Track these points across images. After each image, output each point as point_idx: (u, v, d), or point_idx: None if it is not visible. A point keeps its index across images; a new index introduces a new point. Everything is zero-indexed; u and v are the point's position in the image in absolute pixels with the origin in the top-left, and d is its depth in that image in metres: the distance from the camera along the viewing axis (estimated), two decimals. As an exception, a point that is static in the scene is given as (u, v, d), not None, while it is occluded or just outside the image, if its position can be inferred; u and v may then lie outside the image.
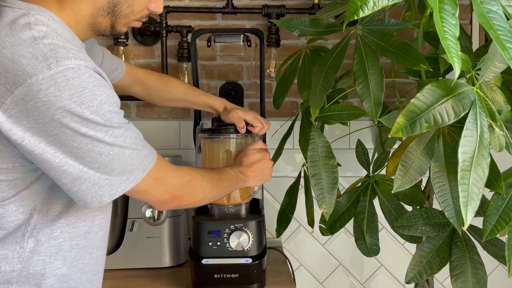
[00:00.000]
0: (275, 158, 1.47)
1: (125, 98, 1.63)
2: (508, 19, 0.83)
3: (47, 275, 0.84)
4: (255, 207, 1.39)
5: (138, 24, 0.93)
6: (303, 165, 1.38)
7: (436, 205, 1.13)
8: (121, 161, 0.79)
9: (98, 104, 0.75)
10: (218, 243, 1.22)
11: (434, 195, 1.17)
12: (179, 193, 0.93)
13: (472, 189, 0.83)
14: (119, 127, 0.79)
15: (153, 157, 0.87)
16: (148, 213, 1.42)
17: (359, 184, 1.32)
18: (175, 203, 0.93)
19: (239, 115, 1.21)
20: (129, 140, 0.81)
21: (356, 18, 0.83)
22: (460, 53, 0.76)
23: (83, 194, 0.78)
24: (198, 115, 1.45)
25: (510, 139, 0.91)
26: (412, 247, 1.69)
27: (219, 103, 1.27)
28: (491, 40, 0.81)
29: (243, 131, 1.21)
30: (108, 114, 0.77)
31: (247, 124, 1.21)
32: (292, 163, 1.70)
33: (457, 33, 0.77)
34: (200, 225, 1.24)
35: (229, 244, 1.22)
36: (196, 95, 1.30)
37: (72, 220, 0.86)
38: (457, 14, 0.78)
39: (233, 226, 1.23)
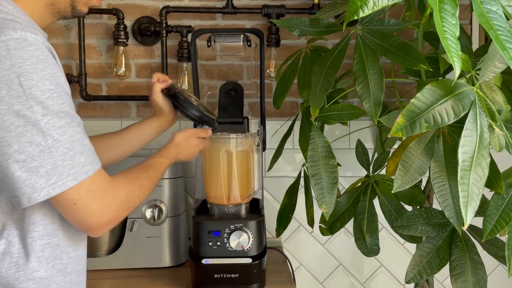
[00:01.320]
0: (275, 158, 1.47)
1: (125, 98, 1.65)
2: (508, 19, 0.83)
3: (21, 278, 0.79)
4: (255, 207, 1.39)
5: (98, 3, 0.91)
6: (303, 165, 1.38)
7: (436, 205, 1.13)
8: (51, 158, 0.72)
9: (39, 79, 0.70)
10: (218, 243, 1.22)
11: (434, 195, 1.17)
12: (115, 213, 0.82)
13: (472, 189, 0.83)
14: (58, 114, 0.72)
15: (90, 168, 0.77)
16: (148, 213, 1.42)
17: (359, 184, 1.32)
18: (110, 226, 0.83)
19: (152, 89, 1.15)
20: (67, 137, 0.73)
21: (356, 18, 0.83)
22: (460, 53, 0.77)
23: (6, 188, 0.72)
24: (198, 115, 1.45)
25: (510, 139, 0.91)
26: (412, 247, 1.69)
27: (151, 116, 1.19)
28: (491, 40, 0.81)
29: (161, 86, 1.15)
30: (49, 92, 0.71)
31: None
32: (292, 163, 1.70)
33: (457, 33, 0.77)
34: (200, 225, 1.24)
35: (229, 244, 1.22)
36: (127, 129, 1.18)
37: (37, 218, 0.80)
38: (457, 14, 0.78)
39: (233, 226, 1.23)
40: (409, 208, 1.27)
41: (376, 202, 1.28)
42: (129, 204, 0.86)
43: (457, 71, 0.76)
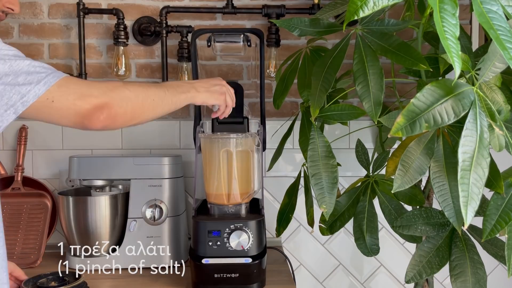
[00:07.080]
0: (275, 158, 1.47)
1: (125, 98, 1.64)
2: (508, 19, 0.83)
3: None
4: (255, 207, 1.39)
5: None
6: (303, 165, 1.38)
7: (436, 205, 1.13)
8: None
9: None
10: (218, 243, 1.22)
11: (434, 195, 1.17)
12: (101, 100, 0.79)
13: (472, 189, 0.83)
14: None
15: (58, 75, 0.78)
16: (148, 213, 1.42)
17: (359, 184, 1.32)
18: (104, 113, 0.79)
19: None
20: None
21: (356, 18, 0.83)
22: (460, 53, 0.77)
23: None
24: (198, 115, 1.45)
25: (510, 139, 0.91)
26: (412, 247, 1.70)
27: None
28: (491, 40, 0.81)
29: None
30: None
31: None
32: (292, 163, 1.70)
33: (457, 33, 0.77)
34: (200, 224, 1.24)
35: (229, 244, 1.22)
36: None
37: None
38: (457, 14, 0.78)
39: (233, 225, 1.23)
40: (409, 208, 1.28)
41: (376, 202, 1.28)
42: (119, 93, 0.82)
43: (457, 71, 0.76)
